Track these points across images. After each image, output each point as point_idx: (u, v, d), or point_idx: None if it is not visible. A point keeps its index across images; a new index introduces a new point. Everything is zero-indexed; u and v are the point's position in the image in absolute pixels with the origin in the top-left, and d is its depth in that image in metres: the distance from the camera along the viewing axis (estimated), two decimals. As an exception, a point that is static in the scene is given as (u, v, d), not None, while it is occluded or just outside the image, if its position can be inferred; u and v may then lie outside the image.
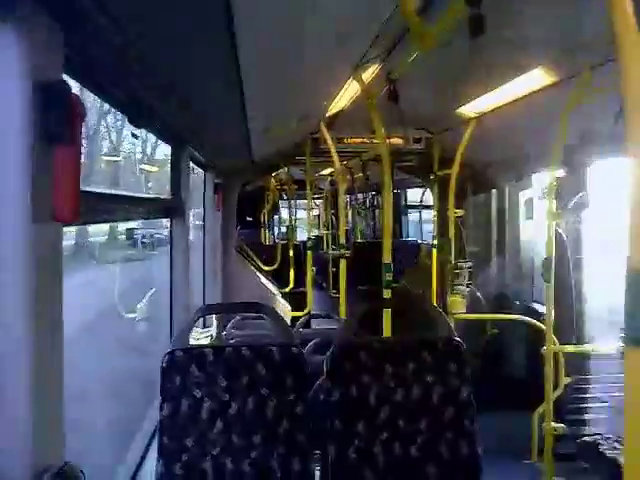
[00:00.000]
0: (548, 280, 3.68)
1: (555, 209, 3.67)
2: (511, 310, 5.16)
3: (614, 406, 4.26)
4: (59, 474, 1.25)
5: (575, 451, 3.77)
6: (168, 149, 3.37)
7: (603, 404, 4.38)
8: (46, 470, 1.24)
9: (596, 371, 4.43)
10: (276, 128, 4.06)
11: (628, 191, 1.39)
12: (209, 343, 4.29)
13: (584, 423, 4.40)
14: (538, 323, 4.34)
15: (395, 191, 9.87)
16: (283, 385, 2.35)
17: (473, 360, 2.58)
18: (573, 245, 4.53)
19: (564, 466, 3.80)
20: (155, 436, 2.40)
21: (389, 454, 2.33)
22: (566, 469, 3.79)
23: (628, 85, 1.25)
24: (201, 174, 5.30)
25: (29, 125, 1.20)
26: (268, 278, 6.35)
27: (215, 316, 4.76)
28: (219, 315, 4.72)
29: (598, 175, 4.43)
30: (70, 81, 1.39)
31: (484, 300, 5.43)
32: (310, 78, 2.97)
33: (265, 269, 7.35)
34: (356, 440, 2.32)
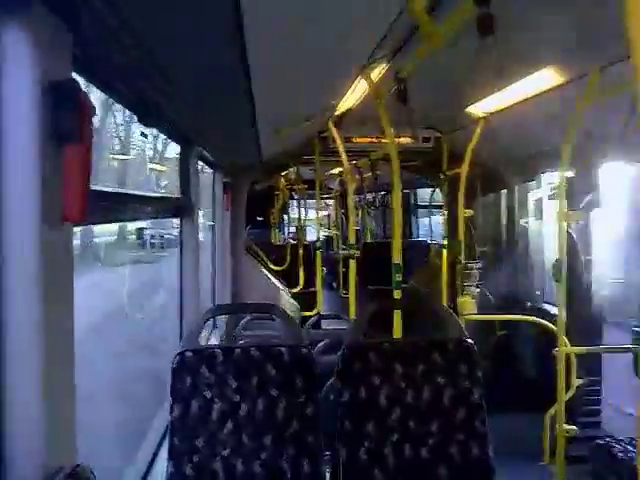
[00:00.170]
0: (559, 281, 3.65)
1: (565, 209, 3.65)
2: (522, 311, 5.13)
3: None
4: (71, 475, 1.25)
5: (587, 454, 3.74)
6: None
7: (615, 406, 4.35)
8: (58, 471, 1.24)
9: (609, 372, 4.40)
10: (284, 127, 4.05)
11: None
12: (219, 344, 4.29)
13: (596, 425, 4.37)
14: (549, 324, 4.31)
15: (405, 191, 9.85)
16: (293, 386, 2.34)
17: (483, 361, 2.56)
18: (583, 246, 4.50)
19: (576, 469, 3.77)
20: (166, 437, 2.40)
21: (399, 455, 2.31)
22: (578, 472, 3.76)
23: None
24: (210, 174, 5.31)
25: (39, 124, 1.19)
26: (278, 278, 6.35)
27: (225, 316, 4.76)
28: (229, 315, 4.73)
29: (608, 175, 4.41)
30: (79, 80, 1.39)
31: (494, 300, 5.40)
32: (318, 77, 2.96)
33: (275, 269, 7.35)
34: (366, 441, 2.30)
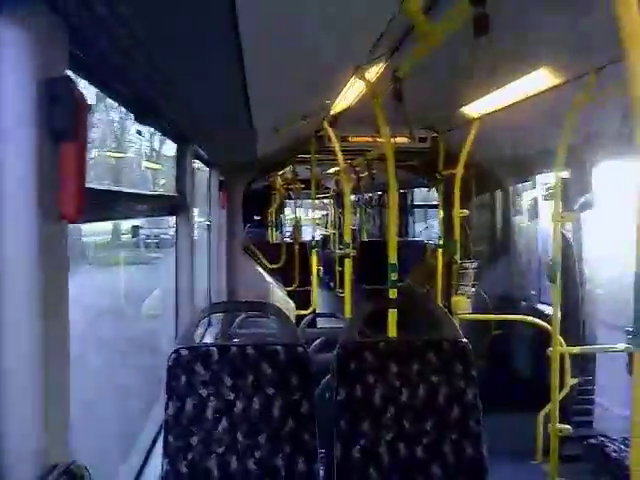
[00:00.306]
0: (554, 281, 3.66)
1: (560, 210, 3.66)
2: (517, 310, 5.14)
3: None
4: (66, 473, 1.25)
5: (581, 452, 3.76)
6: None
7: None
8: (53, 469, 1.24)
9: (602, 372, 4.41)
10: (281, 126, 4.05)
11: (637, 191, 1.38)
12: (214, 342, 4.29)
13: (590, 424, 4.38)
14: (544, 324, 4.32)
15: (402, 191, 9.86)
16: (288, 384, 2.34)
17: (478, 361, 2.57)
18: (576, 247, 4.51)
19: (570, 467, 3.78)
20: (160, 434, 2.40)
21: (394, 454, 2.32)
22: (572, 470, 3.77)
23: (636, 86, 1.24)
24: (206, 173, 5.30)
25: (34, 122, 1.19)
26: (274, 277, 6.35)
27: (220, 314, 4.76)
28: (224, 314, 4.72)
29: (604, 176, 4.41)
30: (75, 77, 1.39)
31: (489, 300, 5.41)
32: (315, 76, 2.96)
33: (271, 267, 7.36)
34: (361, 440, 2.31)
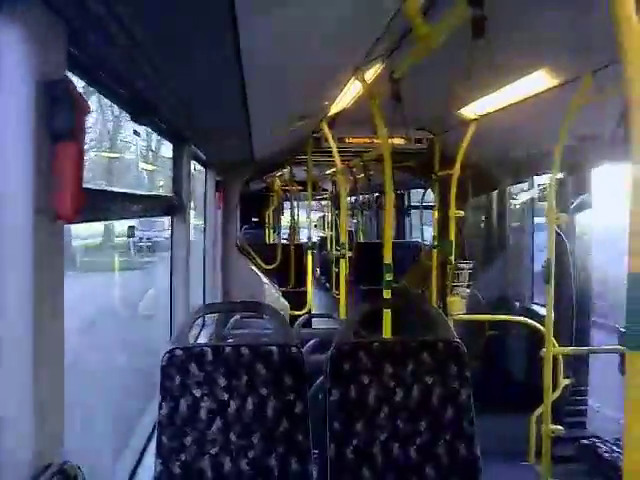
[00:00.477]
0: (548, 281, 3.67)
1: (556, 211, 3.67)
2: (510, 311, 5.16)
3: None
4: (59, 472, 1.26)
5: (573, 453, 3.77)
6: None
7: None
8: (46, 468, 1.24)
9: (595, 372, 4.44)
10: (277, 127, 4.05)
11: (630, 192, 1.39)
12: (209, 342, 4.29)
13: (583, 425, 4.40)
14: (538, 325, 4.33)
15: (398, 192, 9.87)
16: (282, 385, 2.35)
17: (472, 361, 2.58)
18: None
19: (562, 468, 3.80)
20: (153, 435, 2.40)
21: (388, 455, 2.32)
22: (564, 471, 3.79)
23: (631, 87, 1.25)
24: (203, 173, 5.30)
25: (32, 122, 1.19)
26: (269, 277, 6.36)
27: (215, 315, 4.75)
28: (219, 314, 4.72)
29: (600, 177, 4.43)
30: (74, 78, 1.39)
31: (484, 301, 5.42)
32: (312, 78, 2.96)
33: (266, 268, 7.36)
34: (355, 440, 2.31)
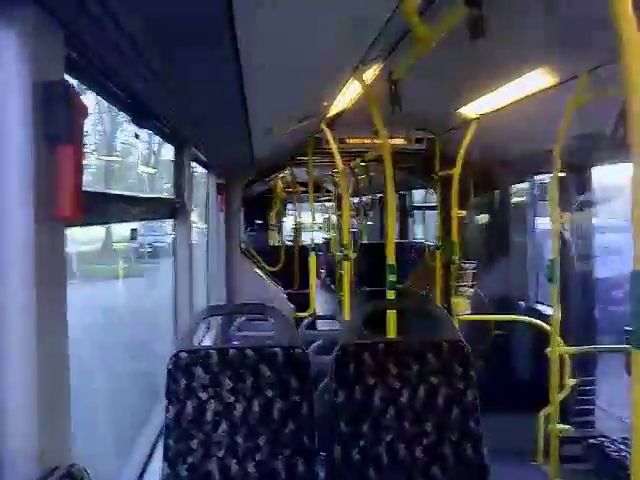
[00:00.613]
0: (553, 281, 3.66)
1: (558, 210, 3.66)
2: (515, 311, 5.14)
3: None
4: (66, 475, 1.25)
5: (581, 453, 3.75)
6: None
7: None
8: (53, 471, 1.24)
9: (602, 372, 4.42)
10: (278, 129, 4.05)
11: (631, 191, 1.38)
12: (214, 344, 4.28)
13: (590, 424, 4.38)
14: (543, 324, 4.32)
15: (401, 192, 9.86)
16: (287, 387, 2.34)
17: (478, 361, 2.57)
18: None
19: (569, 468, 3.78)
20: (160, 438, 2.39)
21: (394, 455, 2.31)
22: (571, 471, 3.77)
23: (630, 86, 1.24)
24: (204, 176, 5.30)
25: (31, 125, 1.19)
26: (273, 279, 6.36)
27: (219, 317, 4.75)
28: (223, 316, 4.72)
29: (601, 176, 4.42)
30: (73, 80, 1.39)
31: (488, 300, 5.40)
32: (311, 79, 2.96)
33: (270, 270, 7.37)
34: (361, 441, 2.30)
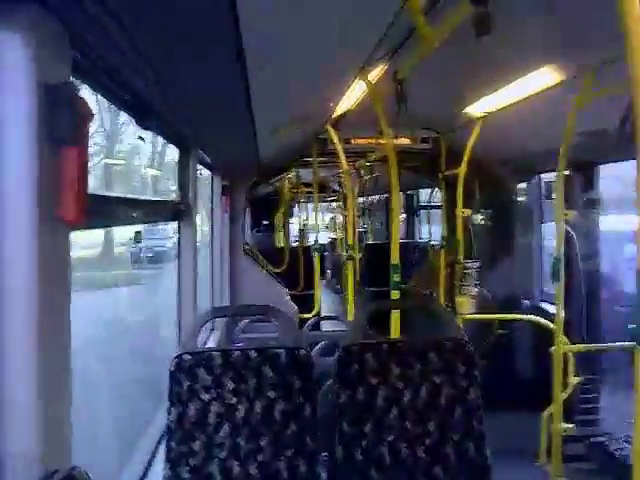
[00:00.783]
0: (558, 279, 3.65)
1: (564, 209, 3.65)
2: (519, 310, 5.13)
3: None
4: (67, 478, 1.26)
5: (584, 452, 3.74)
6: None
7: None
8: (54, 474, 1.25)
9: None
10: (282, 130, 4.06)
11: (637, 189, 1.38)
12: (217, 346, 4.29)
13: (594, 424, 4.37)
14: (548, 323, 4.31)
15: (408, 192, 9.85)
16: (291, 388, 2.34)
17: (481, 360, 2.57)
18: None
19: (573, 467, 3.77)
20: (162, 440, 2.40)
21: (396, 456, 2.32)
22: (575, 470, 3.77)
23: (637, 84, 1.24)
24: (208, 177, 5.31)
25: (36, 127, 1.20)
26: (277, 280, 6.36)
27: (224, 319, 4.75)
28: (227, 317, 4.72)
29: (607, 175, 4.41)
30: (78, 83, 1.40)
31: (492, 299, 5.39)
32: (316, 79, 2.96)
33: (274, 271, 7.37)
34: (363, 442, 2.31)
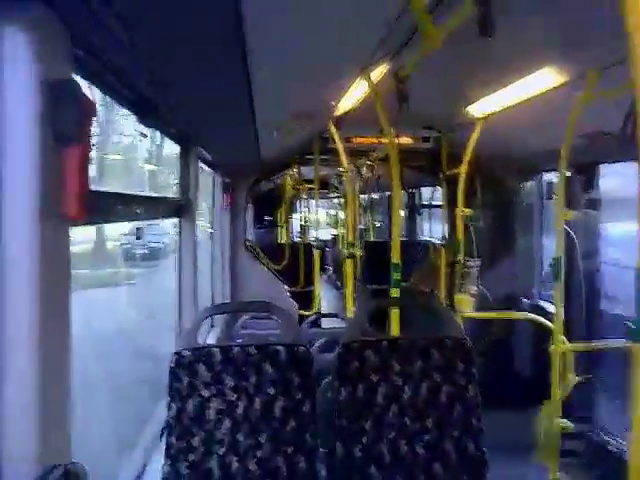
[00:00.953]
0: (558, 279, 3.65)
1: (564, 209, 3.65)
2: (518, 308, 5.14)
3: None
4: (65, 473, 1.27)
5: (581, 448, 3.75)
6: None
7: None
8: (52, 469, 1.25)
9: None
10: (284, 128, 4.06)
11: (639, 189, 1.38)
12: (217, 343, 4.30)
13: (591, 421, 4.38)
14: (547, 322, 4.31)
15: (410, 190, 9.84)
16: (290, 384, 2.35)
17: (480, 358, 2.58)
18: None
19: (570, 463, 3.78)
20: (162, 435, 2.41)
21: (395, 453, 2.33)
22: (572, 467, 3.77)
23: (639, 86, 1.24)
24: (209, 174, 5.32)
25: (38, 124, 1.21)
26: (278, 277, 6.37)
27: (224, 316, 4.76)
28: (227, 314, 4.73)
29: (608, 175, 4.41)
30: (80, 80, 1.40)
31: (492, 298, 5.40)
32: (318, 78, 2.97)
33: (274, 267, 7.37)
34: (363, 439, 2.32)
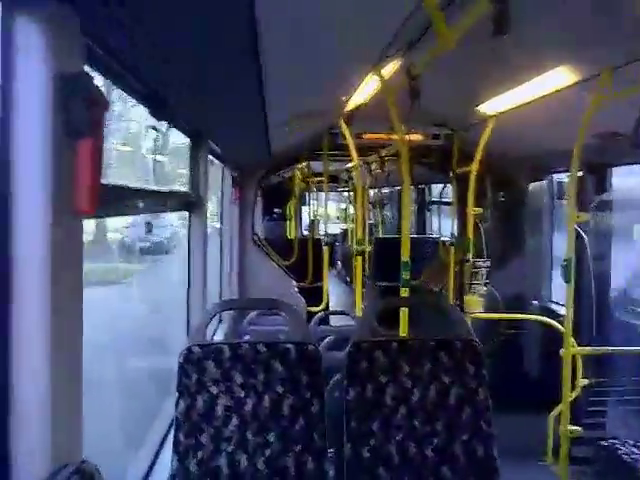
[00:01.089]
0: (568, 281, 3.62)
1: (576, 210, 3.62)
2: (528, 310, 5.11)
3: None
4: (77, 471, 1.26)
5: (591, 454, 3.72)
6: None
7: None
8: (64, 468, 1.25)
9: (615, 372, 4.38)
10: (295, 123, 4.04)
11: None
12: (226, 339, 4.29)
13: (601, 426, 4.35)
14: (557, 324, 4.28)
15: (420, 186, 9.80)
16: (299, 383, 2.34)
17: (489, 360, 2.56)
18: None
19: (580, 469, 3.76)
20: (170, 432, 2.40)
21: (404, 454, 2.31)
22: (581, 473, 3.75)
23: None
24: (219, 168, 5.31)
25: (51, 118, 1.19)
26: (286, 272, 6.36)
27: (232, 311, 4.76)
28: (236, 310, 4.72)
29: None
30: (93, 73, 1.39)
31: (501, 299, 5.37)
32: (329, 74, 2.95)
33: (283, 263, 7.36)
34: (371, 440, 2.30)
